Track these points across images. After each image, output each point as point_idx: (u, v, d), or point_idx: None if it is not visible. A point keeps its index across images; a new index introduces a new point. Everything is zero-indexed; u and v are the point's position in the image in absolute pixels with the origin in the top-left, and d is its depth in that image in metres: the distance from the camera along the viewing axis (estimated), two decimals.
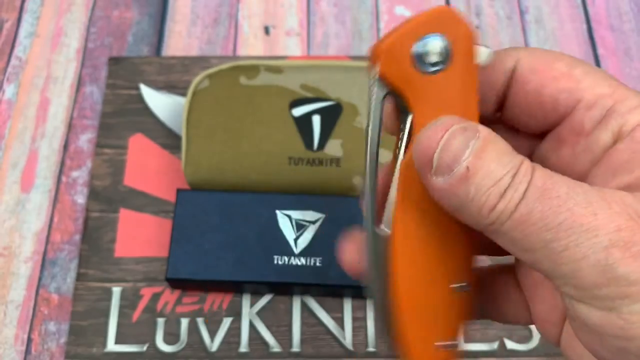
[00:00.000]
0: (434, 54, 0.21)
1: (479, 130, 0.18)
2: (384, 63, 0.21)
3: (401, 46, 0.21)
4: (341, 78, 0.44)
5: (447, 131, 0.18)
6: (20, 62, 0.51)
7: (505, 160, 0.18)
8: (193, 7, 0.54)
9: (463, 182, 0.18)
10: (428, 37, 0.21)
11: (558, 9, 0.54)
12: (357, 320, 0.41)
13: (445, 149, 0.18)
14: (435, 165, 0.18)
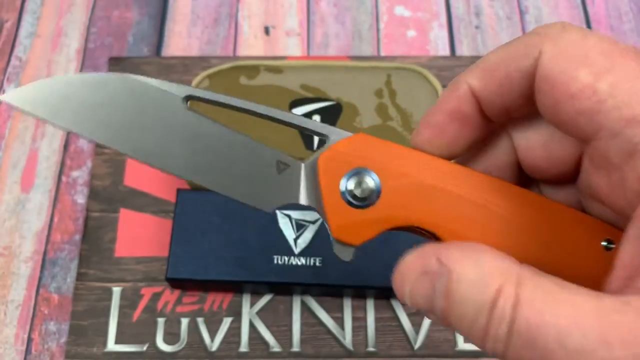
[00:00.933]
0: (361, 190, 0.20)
1: (445, 265, 0.17)
2: (335, 231, 0.21)
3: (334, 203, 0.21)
4: (341, 78, 0.44)
5: (410, 275, 0.18)
6: (20, 62, 0.51)
7: (475, 296, 0.16)
8: (193, 7, 0.54)
9: (447, 323, 0.17)
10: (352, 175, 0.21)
11: (558, 10, 0.54)
12: (357, 320, 0.41)
13: (413, 297, 0.18)
14: (413, 307, 0.18)
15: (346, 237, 0.21)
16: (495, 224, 0.20)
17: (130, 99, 0.21)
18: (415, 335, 0.41)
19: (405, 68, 0.44)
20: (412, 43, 0.52)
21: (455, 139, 0.21)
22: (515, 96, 0.19)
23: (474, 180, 0.21)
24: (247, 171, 0.22)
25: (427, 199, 0.20)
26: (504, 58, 0.19)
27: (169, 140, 0.21)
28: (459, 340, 0.41)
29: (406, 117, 0.42)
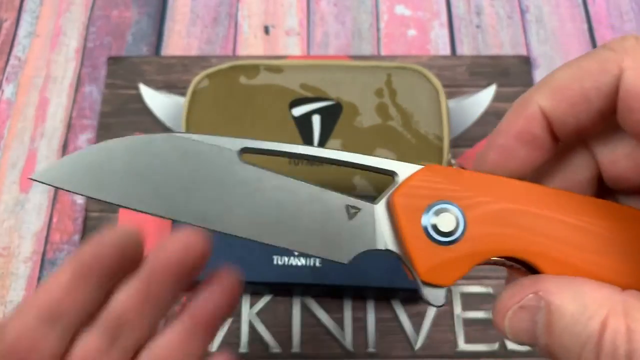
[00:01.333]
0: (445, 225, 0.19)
1: (543, 299, 0.17)
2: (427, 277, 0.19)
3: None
4: (341, 78, 0.44)
5: (508, 310, 0.18)
6: (19, 62, 0.51)
7: (579, 330, 0.16)
8: (192, 6, 0.54)
9: (552, 357, 0.17)
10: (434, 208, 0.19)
11: (559, 9, 0.54)
12: (357, 321, 0.41)
13: (513, 331, 0.18)
14: (515, 342, 0.18)
15: (436, 278, 0.19)
16: (594, 244, 0.19)
17: (180, 160, 0.19)
18: (416, 335, 0.41)
19: (405, 67, 0.44)
20: (412, 42, 0.52)
21: (524, 161, 0.20)
22: (591, 115, 0.19)
23: (562, 200, 0.19)
24: (316, 222, 0.20)
25: (516, 224, 0.19)
26: (577, 76, 0.18)
27: (230, 200, 0.19)
28: (459, 341, 0.41)
29: (406, 116, 0.42)
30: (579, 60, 0.19)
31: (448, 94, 0.48)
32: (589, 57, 0.18)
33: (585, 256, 0.19)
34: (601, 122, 0.19)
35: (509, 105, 0.52)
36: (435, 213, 0.19)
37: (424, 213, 0.19)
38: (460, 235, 0.19)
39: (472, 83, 0.49)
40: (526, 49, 0.52)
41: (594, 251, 0.19)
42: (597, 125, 0.19)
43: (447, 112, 0.42)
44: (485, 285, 0.42)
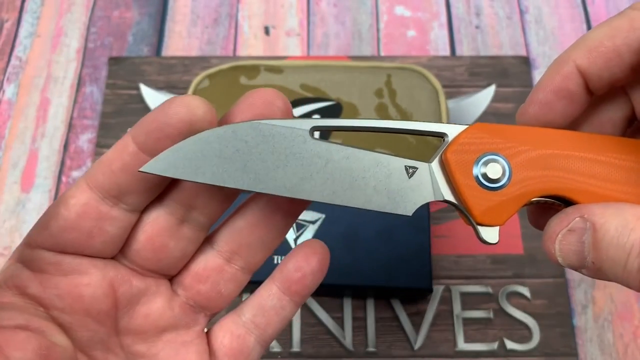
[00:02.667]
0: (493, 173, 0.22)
1: (588, 220, 0.19)
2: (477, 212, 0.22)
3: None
4: (341, 78, 0.44)
5: (557, 234, 0.20)
6: (20, 62, 0.51)
7: (623, 241, 0.18)
8: (193, 7, 0.54)
9: (599, 273, 0.19)
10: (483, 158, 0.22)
11: (558, 9, 0.54)
12: (357, 320, 0.41)
13: (564, 254, 0.20)
14: (565, 265, 0.20)
15: (490, 220, 0.22)
16: (626, 176, 0.21)
17: (262, 143, 0.22)
18: (415, 335, 0.41)
19: (405, 68, 0.44)
20: (412, 43, 0.52)
21: (562, 114, 0.22)
22: (624, 68, 0.21)
23: (597, 142, 0.22)
24: (381, 182, 0.23)
25: (555, 167, 0.22)
26: (608, 34, 0.21)
27: (306, 171, 0.22)
28: (459, 340, 0.41)
29: (406, 116, 0.42)
30: (610, 21, 0.21)
31: (447, 94, 0.48)
32: (619, 17, 0.20)
33: (618, 187, 0.21)
34: (632, 75, 0.21)
35: (509, 106, 0.52)
36: (483, 164, 0.22)
37: (474, 165, 0.22)
38: (507, 181, 0.22)
39: (472, 83, 0.49)
40: (525, 50, 0.52)
41: (626, 183, 0.21)
42: (629, 77, 0.21)
43: (447, 113, 0.42)
44: (485, 284, 0.42)
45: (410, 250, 0.40)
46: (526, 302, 0.42)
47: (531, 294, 0.42)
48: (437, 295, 0.42)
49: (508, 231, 0.44)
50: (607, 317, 0.42)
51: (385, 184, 0.23)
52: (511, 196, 0.22)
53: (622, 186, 0.21)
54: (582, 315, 0.42)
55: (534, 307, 0.42)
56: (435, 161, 0.23)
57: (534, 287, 0.42)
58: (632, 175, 0.21)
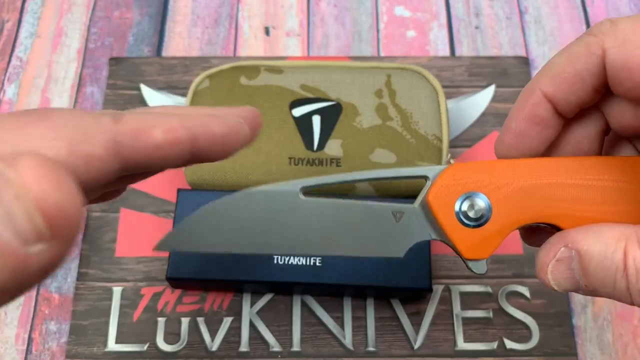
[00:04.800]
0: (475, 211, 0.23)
1: (572, 249, 0.20)
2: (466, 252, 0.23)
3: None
4: (341, 78, 0.44)
5: (547, 266, 0.21)
6: (21, 63, 0.51)
7: (608, 264, 0.19)
8: (193, 7, 0.54)
9: (594, 293, 0.20)
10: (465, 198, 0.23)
11: (557, 10, 0.54)
12: (357, 320, 0.41)
13: (557, 282, 0.21)
14: (562, 291, 0.21)
15: (476, 254, 0.23)
16: (605, 196, 0.22)
17: (258, 209, 0.24)
18: (415, 335, 0.41)
19: (405, 68, 0.44)
20: (411, 43, 0.52)
21: (537, 140, 0.23)
22: (587, 90, 0.22)
23: (571, 166, 0.23)
24: (372, 230, 0.24)
25: (535, 197, 0.22)
26: (569, 61, 0.22)
27: (302, 229, 0.24)
28: (459, 340, 0.41)
29: (406, 117, 0.42)
30: (569, 47, 0.22)
31: (447, 95, 0.49)
32: (577, 43, 0.21)
33: (597, 208, 0.22)
34: (596, 95, 0.22)
35: (508, 106, 0.52)
36: (464, 203, 0.23)
37: (455, 205, 0.23)
38: (489, 217, 0.23)
39: (471, 84, 0.49)
40: (525, 50, 0.52)
41: (604, 202, 0.22)
42: (594, 98, 0.22)
43: (447, 113, 0.43)
44: (484, 284, 0.42)
45: (410, 250, 0.40)
46: (526, 302, 0.42)
47: (531, 294, 0.42)
48: (437, 295, 0.42)
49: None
50: (606, 317, 0.42)
51: (375, 231, 0.24)
52: (494, 230, 0.23)
53: (601, 206, 0.22)
54: (581, 315, 0.42)
55: (534, 306, 0.42)
56: (419, 203, 0.24)
57: (533, 287, 0.42)
58: (608, 194, 0.22)
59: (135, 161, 0.20)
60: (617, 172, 0.22)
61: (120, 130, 0.19)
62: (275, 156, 0.42)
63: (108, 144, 0.19)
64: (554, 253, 0.21)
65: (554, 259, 0.21)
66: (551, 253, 0.21)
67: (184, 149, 0.20)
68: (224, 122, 0.21)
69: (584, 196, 0.22)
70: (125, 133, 0.19)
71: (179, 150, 0.20)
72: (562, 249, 0.21)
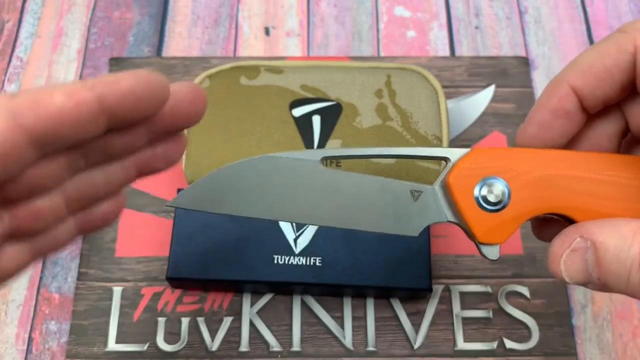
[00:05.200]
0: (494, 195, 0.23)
1: (588, 240, 0.20)
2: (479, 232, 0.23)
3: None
4: (341, 78, 0.44)
5: (561, 256, 0.21)
6: (21, 63, 0.51)
7: (623, 257, 0.19)
8: (193, 7, 0.54)
9: (605, 288, 0.20)
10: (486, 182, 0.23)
11: (557, 10, 0.54)
12: (357, 320, 0.41)
13: (570, 274, 0.21)
14: (572, 283, 0.21)
15: (491, 239, 0.23)
16: (622, 193, 0.22)
17: (277, 175, 0.24)
18: (415, 334, 0.41)
19: (405, 68, 0.44)
20: (411, 43, 0.52)
21: (560, 132, 0.23)
22: (615, 87, 0.22)
23: (592, 160, 0.23)
24: (388, 206, 0.24)
25: (552, 187, 0.23)
26: (599, 56, 0.22)
27: (318, 200, 0.24)
28: (459, 340, 0.41)
29: (406, 117, 0.42)
30: (600, 43, 0.22)
31: (447, 95, 0.49)
32: (608, 40, 0.22)
33: (613, 204, 0.22)
34: (623, 92, 0.22)
35: (508, 106, 0.52)
36: (484, 187, 0.23)
37: (474, 188, 0.23)
38: (507, 203, 0.23)
39: (471, 84, 0.50)
40: (525, 50, 0.52)
41: (621, 199, 0.22)
42: (620, 95, 0.23)
43: (447, 113, 0.43)
44: (484, 284, 0.42)
45: (410, 250, 0.40)
46: (525, 302, 0.42)
47: (530, 294, 0.42)
48: (437, 295, 0.42)
49: None
50: (606, 316, 0.42)
51: (392, 208, 0.24)
52: (511, 216, 0.23)
53: (617, 202, 0.22)
54: (581, 315, 0.42)
55: (534, 306, 0.42)
56: (438, 184, 0.24)
57: (533, 287, 0.42)
58: (625, 191, 0.22)
59: (43, 133, 0.18)
60: (635, 170, 0.23)
61: (17, 102, 0.18)
62: None
63: (6, 117, 0.18)
64: (569, 243, 0.21)
65: (568, 249, 0.21)
66: (566, 243, 0.21)
67: (93, 110, 0.19)
68: (133, 75, 0.20)
69: (602, 191, 0.22)
70: (23, 103, 0.18)
71: (87, 113, 0.19)
72: (578, 240, 0.21)
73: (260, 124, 0.42)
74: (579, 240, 0.21)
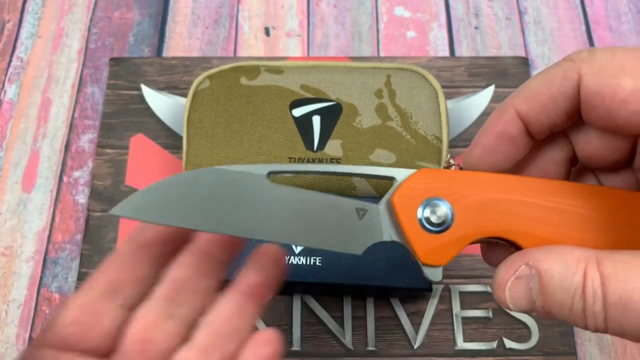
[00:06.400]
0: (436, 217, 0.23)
1: (533, 267, 0.20)
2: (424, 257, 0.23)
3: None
4: (341, 78, 0.44)
5: (506, 283, 0.21)
6: (21, 63, 0.51)
7: (567, 284, 0.19)
8: (194, 8, 0.54)
9: (549, 315, 0.20)
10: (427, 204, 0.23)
11: (557, 10, 0.54)
12: (357, 319, 0.41)
13: (514, 301, 0.21)
14: (516, 310, 0.21)
15: (433, 260, 0.23)
16: (569, 221, 0.22)
17: (222, 187, 0.23)
18: (415, 334, 0.41)
19: (404, 68, 0.44)
20: (411, 44, 0.52)
21: (505, 156, 0.24)
22: (560, 113, 0.22)
23: (537, 186, 0.23)
24: (333, 224, 0.24)
25: (496, 211, 0.22)
26: (545, 83, 0.22)
27: (264, 215, 0.23)
28: (458, 340, 0.41)
29: (406, 117, 0.43)
30: (546, 70, 0.22)
31: (447, 95, 0.49)
32: (554, 67, 0.22)
33: (557, 230, 0.22)
34: (568, 120, 0.23)
35: None
36: (427, 208, 0.23)
37: (418, 208, 0.23)
38: (450, 224, 0.22)
39: (471, 84, 0.50)
40: (524, 50, 0.52)
41: (564, 226, 0.22)
42: (565, 122, 0.23)
43: (446, 113, 0.43)
44: (484, 284, 0.42)
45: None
46: None
47: None
48: (437, 295, 0.42)
49: None
50: None
51: (337, 225, 0.24)
52: (453, 238, 0.23)
53: (561, 229, 0.22)
54: None
55: None
56: (384, 204, 0.24)
57: None
58: (570, 218, 0.22)
59: None
60: (581, 198, 0.22)
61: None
62: (275, 156, 0.42)
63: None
64: (513, 270, 0.21)
65: (513, 276, 0.21)
66: (511, 270, 0.21)
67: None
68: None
69: (547, 217, 0.22)
70: None
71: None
72: (523, 267, 0.21)
73: (260, 124, 0.43)
74: (524, 267, 0.21)
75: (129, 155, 0.47)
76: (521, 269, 0.20)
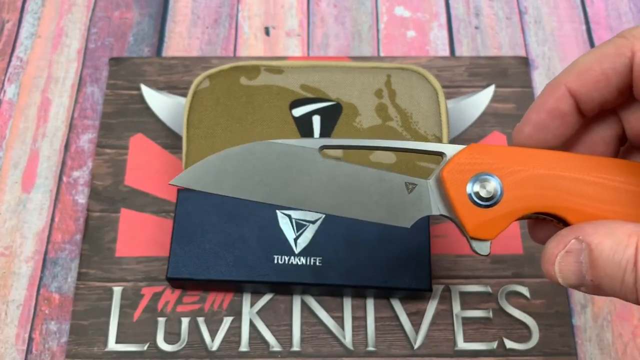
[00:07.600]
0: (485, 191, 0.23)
1: (583, 241, 0.20)
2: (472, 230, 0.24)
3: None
4: (341, 78, 0.44)
5: (556, 257, 0.21)
6: (21, 63, 0.51)
7: (618, 259, 0.19)
8: (193, 7, 0.54)
9: (598, 290, 0.20)
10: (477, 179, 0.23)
11: (557, 10, 0.54)
12: (357, 320, 0.41)
13: (563, 275, 0.21)
14: (566, 285, 0.21)
15: (482, 234, 0.23)
16: (617, 197, 0.22)
17: (276, 160, 0.24)
18: (415, 334, 0.41)
19: (404, 68, 0.44)
20: (411, 43, 0.52)
21: (555, 134, 0.24)
22: (611, 90, 0.22)
23: (586, 163, 0.23)
24: (383, 197, 0.24)
25: (545, 186, 0.23)
26: (597, 60, 0.22)
27: (315, 187, 0.24)
28: (459, 340, 0.41)
29: (406, 117, 0.43)
30: (598, 47, 0.22)
31: (447, 95, 0.49)
32: (607, 44, 0.22)
33: (607, 207, 0.22)
34: (619, 97, 0.23)
35: (508, 106, 0.52)
36: (477, 183, 0.23)
37: (468, 183, 0.23)
38: (499, 199, 0.23)
39: (471, 84, 0.50)
40: (525, 50, 0.52)
41: (612, 202, 0.22)
42: (616, 99, 0.23)
43: (446, 113, 0.43)
44: (484, 284, 0.42)
45: (410, 250, 0.40)
46: (525, 302, 0.42)
47: (530, 294, 0.42)
48: (437, 295, 0.42)
49: (507, 231, 0.44)
50: (606, 316, 0.42)
51: (386, 199, 0.24)
52: (502, 213, 0.23)
53: (609, 205, 0.22)
54: (581, 315, 0.42)
55: (534, 306, 0.42)
56: (433, 178, 0.24)
57: (533, 287, 0.42)
58: (618, 194, 0.22)
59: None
60: (631, 175, 0.23)
61: None
62: None
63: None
64: (563, 244, 0.21)
65: (563, 250, 0.21)
66: (561, 244, 0.21)
67: None
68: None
69: (596, 194, 0.22)
70: None
71: None
72: (573, 241, 0.21)
73: (260, 124, 0.43)
74: (574, 241, 0.21)
75: (129, 155, 0.47)
76: (571, 243, 0.21)
